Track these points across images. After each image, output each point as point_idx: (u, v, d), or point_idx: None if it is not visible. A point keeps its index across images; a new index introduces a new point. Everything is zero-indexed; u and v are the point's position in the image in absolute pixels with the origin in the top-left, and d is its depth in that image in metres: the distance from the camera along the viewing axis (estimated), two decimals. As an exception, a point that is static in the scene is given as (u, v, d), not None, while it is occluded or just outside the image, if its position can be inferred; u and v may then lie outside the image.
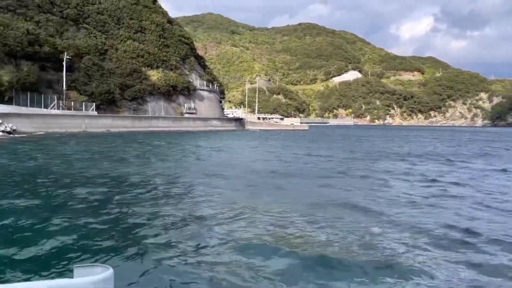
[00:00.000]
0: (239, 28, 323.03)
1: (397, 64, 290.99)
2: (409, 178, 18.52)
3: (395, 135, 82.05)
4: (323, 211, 11.06)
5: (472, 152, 36.87)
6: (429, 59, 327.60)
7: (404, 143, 51.09)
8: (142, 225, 9.29)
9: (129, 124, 57.65)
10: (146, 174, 17.19)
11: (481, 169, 22.97)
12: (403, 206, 12.16)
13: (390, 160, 27.42)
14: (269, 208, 11.19)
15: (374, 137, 68.08)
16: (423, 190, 15.18)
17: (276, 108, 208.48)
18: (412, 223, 9.98)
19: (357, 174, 19.60)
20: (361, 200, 12.80)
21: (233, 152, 31.24)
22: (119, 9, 76.21)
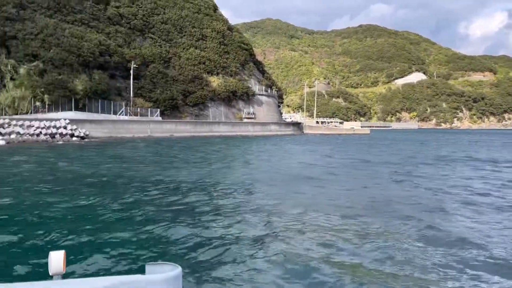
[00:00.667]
0: (297, 32, 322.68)
1: (466, 65, 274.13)
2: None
3: (460, 139, 77.26)
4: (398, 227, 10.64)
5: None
6: (502, 58, 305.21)
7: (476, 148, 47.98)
8: (206, 227, 9.52)
9: (191, 129, 59.57)
10: (215, 178, 17.62)
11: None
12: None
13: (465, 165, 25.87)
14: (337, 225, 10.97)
15: (444, 142, 64.67)
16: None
17: (336, 112, 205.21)
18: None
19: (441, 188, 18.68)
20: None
21: (292, 157, 31.13)
22: (182, 18, 79.26)
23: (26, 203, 11.82)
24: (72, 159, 24.50)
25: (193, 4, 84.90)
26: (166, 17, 76.45)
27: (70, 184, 15.40)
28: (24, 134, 38.18)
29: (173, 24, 77.05)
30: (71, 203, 11.87)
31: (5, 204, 11.62)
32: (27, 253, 7.56)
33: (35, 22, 52.98)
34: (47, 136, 39.80)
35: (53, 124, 41.62)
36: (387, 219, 10.67)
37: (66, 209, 11.14)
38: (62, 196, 12.83)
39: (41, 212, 10.70)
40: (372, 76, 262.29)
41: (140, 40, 69.50)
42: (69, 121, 43.54)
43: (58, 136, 40.88)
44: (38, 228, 9.22)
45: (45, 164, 21.75)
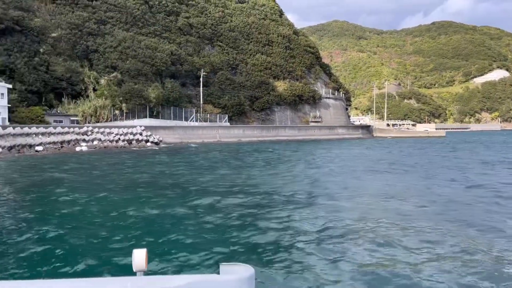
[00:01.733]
0: (365, 33, 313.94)
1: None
2: None
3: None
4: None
5: None
6: None
7: None
8: (281, 230, 9.59)
9: (258, 134, 60.29)
10: (287, 181, 17.68)
11: None
12: None
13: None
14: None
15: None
16: None
17: (408, 114, 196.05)
18: None
19: None
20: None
21: (368, 160, 30.24)
22: (248, 25, 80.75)
23: (112, 203, 12.69)
24: (150, 164, 25.91)
25: (259, 10, 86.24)
26: (233, 25, 78.36)
27: (153, 186, 16.28)
28: (105, 140, 41.12)
29: (240, 31, 78.75)
30: (154, 204, 12.54)
31: (96, 204, 12.57)
32: (113, 250, 8.14)
33: (114, 36, 57.04)
34: (124, 142, 42.52)
35: (130, 131, 44.38)
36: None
37: (148, 210, 11.79)
38: (147, 198, 13.61)
39: (124, 213, 11.44)
40: (447, 75, 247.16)
41: (209, 48, 71.91)
42: (144, 128, 46.19)
43: (134, 142, 43.51)
44: (123, 227, 9.90)
45: (140, 168, 23.22)
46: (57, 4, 57.18)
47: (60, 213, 11.37)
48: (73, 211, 11.68)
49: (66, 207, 12.14)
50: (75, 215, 11.29)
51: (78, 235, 9.08)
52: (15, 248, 8.19)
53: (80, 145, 38.00)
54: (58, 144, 36.34)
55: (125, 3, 64.04)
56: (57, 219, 10.70)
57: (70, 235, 9.13)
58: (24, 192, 15.08)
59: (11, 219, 10.66)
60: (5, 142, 31.10)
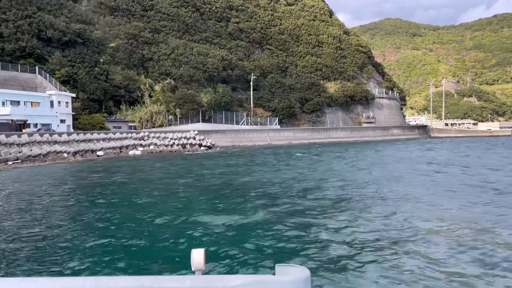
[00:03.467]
0: (420, 30, 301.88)
1: None
2: None
3: None
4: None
5: None
6: None
7: None
8: (333, 232, 9.40)
9: (308, 136, 59.71)
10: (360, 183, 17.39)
11: None
12: None
13: None
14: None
15: None
16: None
17: (468, 113, 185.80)
18: None
19: None
20: None
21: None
22: (297, 27, 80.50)
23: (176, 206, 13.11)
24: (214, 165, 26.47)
25: (308, 12, 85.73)
26: (283, 28, 78.45)
27: (211, 189, 16.63)
28: (160, 145, 42.60)
29: (289, 34, 78.66)
30: (213, 208, 12.79)
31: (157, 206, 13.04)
32: (174, 249, 8.45)
33: (167, 44, 59.11)
34: (179, 146, 43.81)
35: (184, 135, 45.67)
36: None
37: (206, 212, 12.06)
38: (206, 201, 13.94)
39: (187, 214, 11.77)
40: (511, 70, 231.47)
41: (259, 52, 72.48)
42: (197, 132, 47.34)
43: (188, 146, 44.69)
44: (183, 228, 10.22)
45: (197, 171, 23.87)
46: (114, 15, 60.24)
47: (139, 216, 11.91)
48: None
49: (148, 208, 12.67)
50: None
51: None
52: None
53: (137, 149, 39.65)
54: (117, 149, 38.17)
55: (178, 11, 66.17)
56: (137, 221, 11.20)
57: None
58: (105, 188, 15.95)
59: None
60: (70, 147, 33.16)
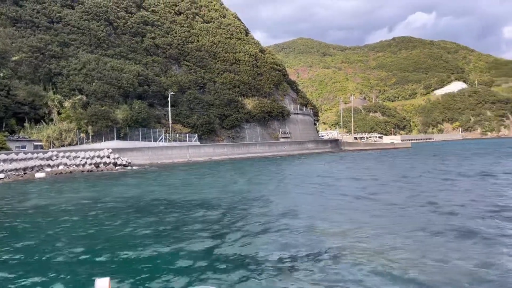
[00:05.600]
0: (330, 50, 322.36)
1: (509, 70, 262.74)
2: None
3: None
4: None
5: None
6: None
7: None
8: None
9: (228, 152, 60.16)
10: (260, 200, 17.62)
11: None
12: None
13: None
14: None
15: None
16: None
17: (374, 127, 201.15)
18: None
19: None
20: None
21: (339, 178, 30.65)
22: (215, 44, 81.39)
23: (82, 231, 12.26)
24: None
25: (225, 30, 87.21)
26: (200, 44, 78.76)
27: (115, 212, 15.84)
28: (71, 165, 39.90)
29: (207, 51, 79.18)
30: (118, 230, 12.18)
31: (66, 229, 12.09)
32: (72, 279, 7.78)
33: (78, 58, 56.04)
34: (92, 166, 41.40)
35: (97, 154, 43.32)
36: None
37: (110, 237, 11.44)
38: (110, 225, 13.22)
39: (91, 239, 11.05)
40: (409, 88, 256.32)
41: (176, 68, 71.81)
42: (111, 150, 45.20)
43: (102, 165, 42.43)
44: (84, 252, 9.51)
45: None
46: (17, 27, 55.81)
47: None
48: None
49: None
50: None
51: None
52: None
53: (43, 170, 36.68)
54: (20, 170, 34.98)
55: (89, 25, 63.28)
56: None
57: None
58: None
59: None
60: (-37, 170, 29.62)
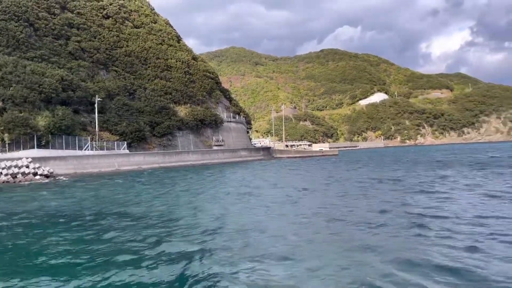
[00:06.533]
0: (262, 59, 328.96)
1: (424, 83, 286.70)
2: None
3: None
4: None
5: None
6: (457, 75, 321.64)
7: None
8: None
9: (160, 160, 58.74)
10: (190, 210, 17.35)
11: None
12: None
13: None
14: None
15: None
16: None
17: (304, 135, 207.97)
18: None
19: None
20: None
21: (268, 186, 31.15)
22: (145, 50, 79.40)
23: None
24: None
25: (156, 36, 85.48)
26: (130, 50, 76.39)
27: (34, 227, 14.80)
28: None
29: (137, 56, 77.00)
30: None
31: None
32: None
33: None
34: (8, 177, 38.22)
35: (14, 164, 40.09)
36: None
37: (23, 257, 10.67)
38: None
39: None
40: (336, 98, 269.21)
41: (104, 73, 68.92)
42: (31, 160, 42.08)
43: (20, 175, 39.34)
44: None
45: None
46: None
47: None
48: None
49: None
50: None
51: None
52: None
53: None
54: None
55: (6, 25, 58.77)
56: None
57: None
58: None
59: None
60: None
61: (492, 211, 15.39)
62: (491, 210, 15.63)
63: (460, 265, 8.93)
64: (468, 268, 8.78)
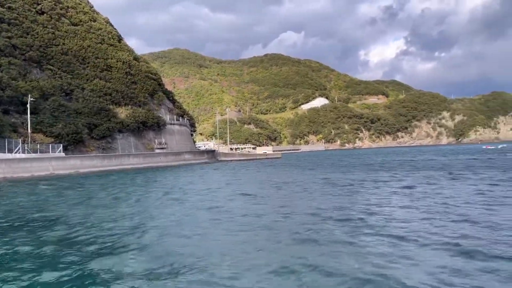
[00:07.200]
0: (206, 62, 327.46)
1: (362, 89, 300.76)
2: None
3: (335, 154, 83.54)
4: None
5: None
6: (392, 82, 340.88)
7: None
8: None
9: (99, 164, 56.36)
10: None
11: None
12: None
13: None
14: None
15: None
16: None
17: (248, 138, 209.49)
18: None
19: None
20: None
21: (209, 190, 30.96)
22: (83, 49, 75.98)
23: None
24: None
25: (95, 34, 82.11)
26: (66, 48, 72.70)
27: None
28: None
29: (75, 55, 73.48)
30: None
31: None
32: None
33: None
34: None
35: None
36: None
37: None
38: None
39: None
40: (279, 102, 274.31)
41: (37, 72, 64.99)
42: (-47, 163, 38.67)
43: None
44: None
45: None
46: None
47: None
48: None
49: None
50: None
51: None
52: None
53: None
54: None
55: None
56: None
57: None
58: None
59: None
60: None
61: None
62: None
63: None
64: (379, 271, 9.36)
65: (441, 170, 39.43)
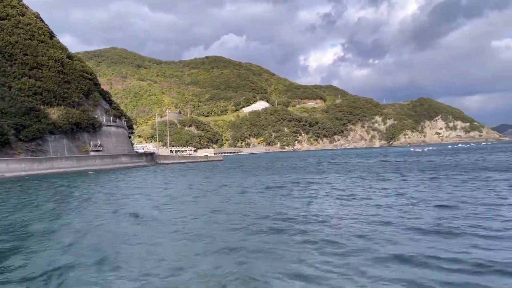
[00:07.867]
0: (145, 62, 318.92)
1: (301, 93, 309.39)
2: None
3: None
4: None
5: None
6: (329, 87, 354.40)
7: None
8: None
9: (27, 167, 53.02)
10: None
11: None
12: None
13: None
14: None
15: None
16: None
17: (189, 140, 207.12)
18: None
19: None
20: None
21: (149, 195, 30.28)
22: (10, 45, 71.00)
23: None
24: None
25: (24, 30, 76.98)
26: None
27: None
28: None
29: (1, 51, 68.45)
30: None
31: None
32: None
33: None
34: None
35: None
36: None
37: None
38: None
39: None
40: (221, 104, 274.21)
41: (-43, 68, 59.75)
42: None
43: None
44: None
45: None
46: None
47: None
48: None
49: None
50: None
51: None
52: None
53: None
54: None
55: None
56: None
57: None
58: None
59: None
60: None
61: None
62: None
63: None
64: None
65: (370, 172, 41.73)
